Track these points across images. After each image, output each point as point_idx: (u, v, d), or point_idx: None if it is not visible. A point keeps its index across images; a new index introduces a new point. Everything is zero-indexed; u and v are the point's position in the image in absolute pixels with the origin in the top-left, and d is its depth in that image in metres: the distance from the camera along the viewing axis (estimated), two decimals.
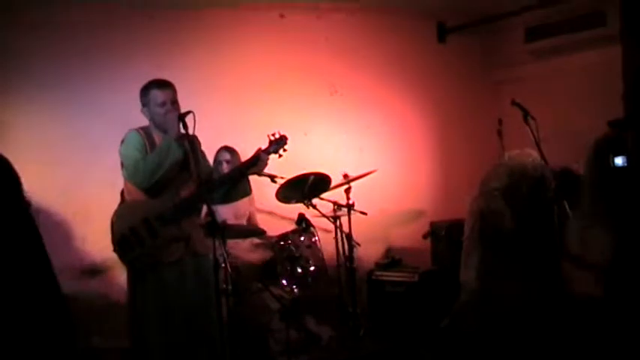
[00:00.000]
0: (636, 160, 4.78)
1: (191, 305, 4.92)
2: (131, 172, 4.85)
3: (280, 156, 5.14)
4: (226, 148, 6.54)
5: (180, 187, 4.95)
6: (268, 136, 5.11)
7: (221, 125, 6.73)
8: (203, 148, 5.20)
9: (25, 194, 4.26)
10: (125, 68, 6.39)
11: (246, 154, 5.47)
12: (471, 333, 5.85)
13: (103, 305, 6.26)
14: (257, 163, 5.08)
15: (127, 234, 4.82)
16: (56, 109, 6.19)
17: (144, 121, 5.00)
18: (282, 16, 7.50)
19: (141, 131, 4.94)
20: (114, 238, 4.88)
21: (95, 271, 6.15)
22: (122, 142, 4.94)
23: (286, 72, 7.43)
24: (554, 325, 5.56)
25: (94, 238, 5.37)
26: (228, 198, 5.33)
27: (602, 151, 5.35)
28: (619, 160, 5.17)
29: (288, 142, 5.13)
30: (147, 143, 4.90)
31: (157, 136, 4.94)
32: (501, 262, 5.69)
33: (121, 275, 5.05)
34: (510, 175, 5.67)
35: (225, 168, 6.37)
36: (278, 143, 5.10)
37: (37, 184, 4.04)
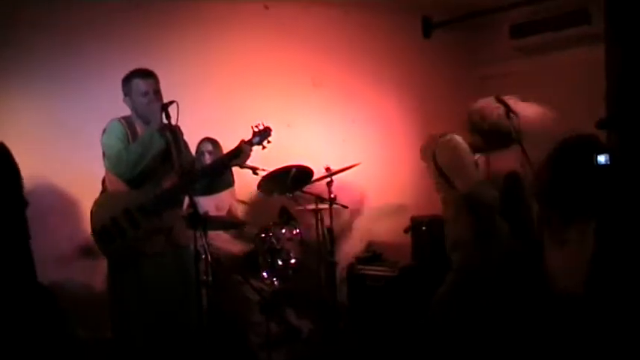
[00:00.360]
0: (619, 160, 4.80)
1: (171, 296, 4.91)
2: (113, 162, 4.82)
3: (264, 147, 5.12)
4: (208, 139, 6.52)
5: (162, 178, 4.93)
6: (252, 127, 5.09)
7: (204, 116, 6.69)
8: (185, 138, 5.19)
9: (24, 191, 4.29)
10: (109, 58, 6.34)
11: (228, 145, 5.45)
12: (448, 325, 5.87)
13: (86, 296, 6.23)
14: (239, 154, 5.07)
15: (108, 224, 4.80)
16: (40, 97, 6.15)
17: (127, 111, 4.98)
18: (266, 7, 7.47)
19: (123, 121, 4.92)
20: (94, 229, 4.86)
21: (78, 261, 6.13)
22: (104, 131, 4.91)
23: (270, 64, 7.41)
24: (534, 320, 5.59)
25: (76, 228, 5.33)
26: (210, 190, 5.32)
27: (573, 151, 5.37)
28: (602, 159, 5.18)
29: (272, 133, 5.13)
30: (129, 133, 4.87)
31: (139, 126, 4.92)
32: (484, 252, 5.72)
33: (104, 266, 5.02)
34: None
35: (208, 159, 6.35)
36: (262, 135, 5.09)
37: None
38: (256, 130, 5.09)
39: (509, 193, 5.62)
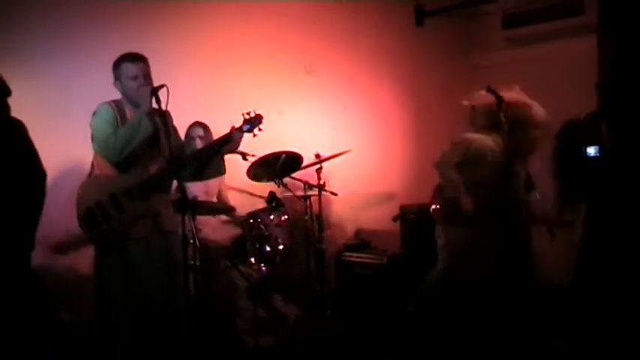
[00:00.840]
0: (610, 151, 4.80)
1: (157, 281, 4.90)
2: (102, 145, 4.80)
3: (255, 135, 5.11)
4: (199, 124, 6.48)
5: (149, 162, 4.91)
6: (243, 114, 5.08)
7: (194, 101, 6.66)
8: (175, 123, 5.16)
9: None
10: (100, 41, 6.29)
11: (219, 131, 5.43)
12: (435, 316, 5.88)
13: (71, 279, 6.21)
14: (230, 141, 5.06)
15: (93, 208, 4.79)
16: (32, 77, 6.11)
17: (117, 95, 4.95)
18: None
19: (113, 104, 4.90)
20: (79, 212, 4.85)
21: (63, 244, 6.10)
22: (94, 114, 4.89)
23: (262, 50, 7.37)
24: (519, 311, 5.60)
25: (63, 211, 5.31)
26: (200, 176, 5.29)
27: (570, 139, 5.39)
28: (591, 151, 5.19)
29: (263, 121, 5.11)
30: (118, 117, 4.85)
31: (129, 110, 4.90)
32: (465, 242, 5.73)
33: (90, 249, 5.00)
34: (467, 151, 5.69)
35: (199, 144, 6.32)
36: (252, 122, 5.08)
37: None
38: (247, 117, 5.07)
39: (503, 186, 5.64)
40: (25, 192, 4.33)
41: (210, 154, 5.21)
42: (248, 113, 5.09)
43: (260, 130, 5.10)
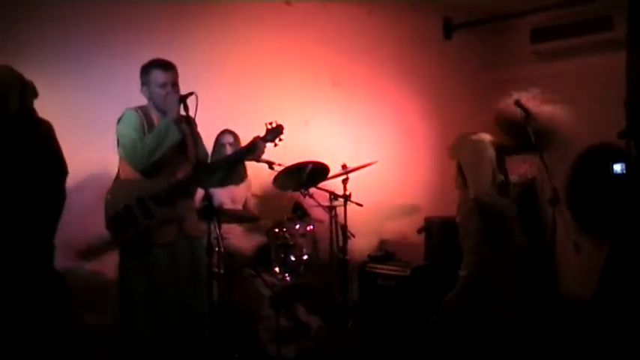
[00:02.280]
0: (635, 169, 4.78)
1: (182, 287, 4.91)
2: (128, 152, 4.82)
3: (276, 145, 5.13)
4: (229, 132, 6.52)
5: (176, 168, 4.93)
6: (266, 124, 5.10)
7: (221, 110, 6.68)
8: (202, 130, 5.18)
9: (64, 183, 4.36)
10: (128, 48, 6.35)
11: (244, 139, 5.45)
12: (457, 328, 5.87)
13: (97, 283, 6.25)
14: (254, 150, 5.09)
15: (121, 213, 4.81)
16: (56, 83, 6.16)
17: (142, 101, 4.98)
18: (288, 3, 7.47)
19: (139, 110, 4.91)
20: (107, 216, 4.87)
21: (88, 249, 6.15)
22: (119, 120, 4.91)
23: (290, 60, 7.40)
24: (543, 324, 5.58)
25: (90, 215, 5.35)
26: (224, 182, 5.32)
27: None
28: (617, 168, 5.17)
29: (285, 131, 5.14)
30: (144, 123, 4.87)
31: (155, 116, 4.91)
32: (494, 256, 5.72)
33: (115, 254, 5.03)
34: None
35: (229, 150, 6.35)
36: (274, 132, 5.11)
37: None
38: (269, 127, 5.10)
39: (525, 199, 5.62)
40: (49, 191, 4.35)
41: (235, 162, 5.24)
42: (270, 123, 5.12)
43: (281, 140, 5.12)
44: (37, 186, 4.26)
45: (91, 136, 5.80)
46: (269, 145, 5.12)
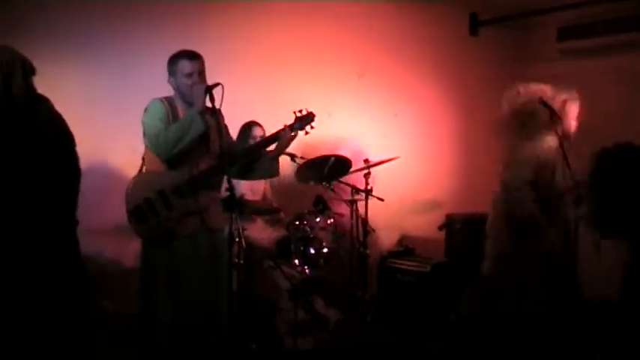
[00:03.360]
0: None
1: (202, 278, 4.91)
2: (153, 142, 4.82)
3: (307, 133, 5.09)
4: (258, 124, 6.49)
5: (199, 159, 4.92)
6: (294, 112, 5.07)
7: (246, 100, 6.69)
8: (226, 122, 5.17)
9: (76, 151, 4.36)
10: (153, 40, 6.38)
11: (268, 131, 5.44)
12: (477, 325, 5.85)
13: (116, 271, 6.30)
14: (278, 139, 5.07)
15: (142, 205, 4.81)
16: (86, 72, 6.21)
17: (168, 93, 4.98)
18: None
19: (164, 101, 4.91)
20: (128, 207, 4.87)
21: (110, 237, 6.18)
22: (145, 110, 4.92)
23: (316, 52, 7.41)
24: (565, 323, 5.55)
25: (113, 204, 5.37)
26: (250, 175, 5.30)
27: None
28: None
29: (315, 119, 5.10)
30: (170, 113, 4.86)
31: (181, 107, 4.91)
32: (513, 247, 5.69)
33: (136, 242, 5.04)
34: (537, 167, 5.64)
35: None
36: (304, 120, 5.07)
37: None
38: (299, 114, 5.07)
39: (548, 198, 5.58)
40: (63, 162, 4.35)
41: (259, 152, 5.23)
42: (300, 111, 5.08)
43: (312, 127, 5.09)
44: (52, 159, 4.25)
45: (119, 123, 5.81)
46: (299, 134, 5.08)
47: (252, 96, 6.88)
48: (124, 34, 6.41)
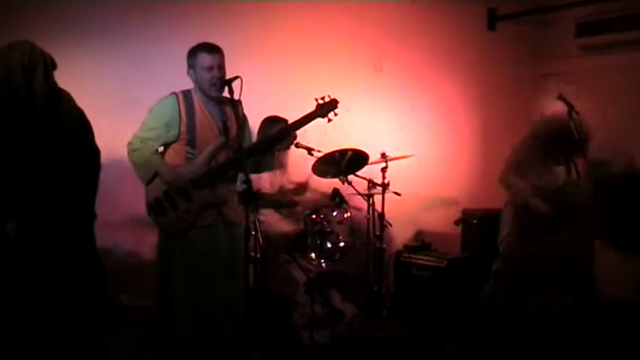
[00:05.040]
0: None
1: (219, 270, 4.93)
2: (132, 142, 4.91)
3: (330, 120, 5.03)
4: (281, 120, 6.45)
5: (217, 152, 4.93)
6: (316, 99, 5.01)
7: (262, 94, 6.66)
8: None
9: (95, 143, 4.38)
10: (171, 33, 6.39)
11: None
12: (492, 323, 5.85)
13: (133, 263, 6.32)
14: (284, 137, 5.08)
15: (161, 197, 4.84)
16: (107, 63, 6.24)
17: (184, 83, 4.99)
18: None
19: (180, 95, 4.92)
20: (148, 201, 4.90)
21: (128, 229, 6.20)
22: (151, 109, 4.95)
23: (333, 45, 7.40)
24: (579, 324, 5.54)
25: (130, 197, 5.40)
26: (256, 169, 5.32)
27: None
28: None
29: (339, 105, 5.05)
30: (181, 108, 4.87)
31: (198, 101, 4.93)
32: (529, 250, 5.70)
33: (153, 234, 5.06)
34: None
35: None
36: (325, 107, 5.00)
37: None
38: (321, 102, 5.03)
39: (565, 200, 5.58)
40: (84, 155, 4.36)
41: (263, 149, 5.23)
42: (322, 98, 5.03)
43: (336, 114, 5.02)
44: (73, 154, 4.26)
45: (135, 115, 5.82)
46: (314, 130, 5.07)
47: (269, 90, 6.88)
48: (139, 26, 6.42)
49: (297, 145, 6.14)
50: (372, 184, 6.73)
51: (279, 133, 5.12)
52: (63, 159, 4.18)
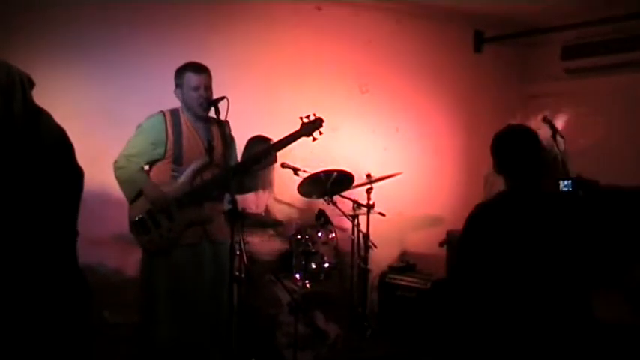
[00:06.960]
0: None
1: (203, 289, 4.93)
2: (119, 160, 4.94)
3: (314, 139, 5.07)
4: (265, 140, 6.46)
5: (203, 170, 4.94)
6: (301, 118, 5.05)
7: (248, 114, 6.67)
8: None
9: (77, 163, 4.35)
10: (160, 51, 6.38)
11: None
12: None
13: (116, 280, 6.28)
14: (265, 157, 5.12)
15: (144, 216, 4.84)
16: (91, 81, 6.22)
17: (170, 102, 5.00)
18: (318, 9, 7.46)
19: (167, 114, 4.94)
20: (131, 219, 4.90)
21: (111, 246, 6.17)
22: (139, 126, 4.97)
23: (319, 66, 7.41)
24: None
25: (114, 214, 5.38)
26: (241, 189, 5.35)
27: None
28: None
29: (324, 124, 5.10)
30: (171, 127, 4.89)
31: (185, 119, 4.95)
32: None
33: (138, 251, 5.05)
34: None
35: None
36: (310, 126, 5.05)
37: None
38: (305, 121, 5.05)
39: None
40: (65, 172, 4.34)
41: (244, 169, 5.25)
42: (307, 117, 5.07)
43: (321, 133, 5.07)
44: (53, 173, 4.24)
45: (120, 134, 5.83)
46: (300, 150, 5.10)
47: (255, 110, 6.88)
48: (126, 44, 6.40)
49: (283, 165, 6.16)
50: (357, 204, 6.74)
51: (262, 153, 5.13)
52: (42, 179, 4.16)
